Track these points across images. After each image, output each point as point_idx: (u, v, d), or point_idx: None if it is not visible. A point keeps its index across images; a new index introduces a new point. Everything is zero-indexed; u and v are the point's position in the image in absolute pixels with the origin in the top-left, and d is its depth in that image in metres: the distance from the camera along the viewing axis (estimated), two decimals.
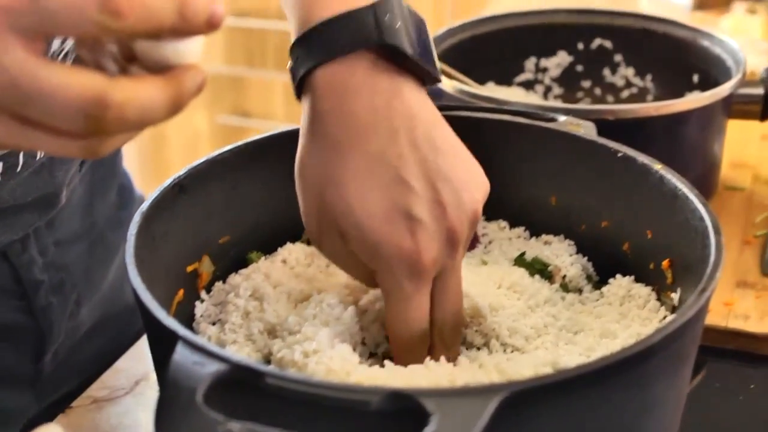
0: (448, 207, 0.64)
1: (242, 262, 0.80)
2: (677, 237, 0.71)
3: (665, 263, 0.73)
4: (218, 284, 0.78)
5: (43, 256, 0.90)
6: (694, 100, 0.95)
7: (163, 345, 0.59)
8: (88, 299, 0.95)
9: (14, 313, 0.89)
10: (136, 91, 0.48)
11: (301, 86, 0.67)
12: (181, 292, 0.75)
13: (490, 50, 1.16)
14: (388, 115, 0.65)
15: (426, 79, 0.68)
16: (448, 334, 0.69)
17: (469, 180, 0.67)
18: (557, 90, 1.20)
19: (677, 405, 0.62)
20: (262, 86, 2.81)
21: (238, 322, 0.73)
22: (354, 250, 0.66)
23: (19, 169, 0.81)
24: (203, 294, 0.77)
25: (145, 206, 0.71)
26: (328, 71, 0.65)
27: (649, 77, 1.17)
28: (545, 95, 1.20)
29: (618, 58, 1.18)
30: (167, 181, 0.74)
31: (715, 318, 0.88)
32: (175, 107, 0.49)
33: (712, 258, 0.62)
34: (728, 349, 0.87)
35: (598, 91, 1.20)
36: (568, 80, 1.20)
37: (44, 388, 0.94)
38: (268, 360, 0.70)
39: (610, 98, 1.19)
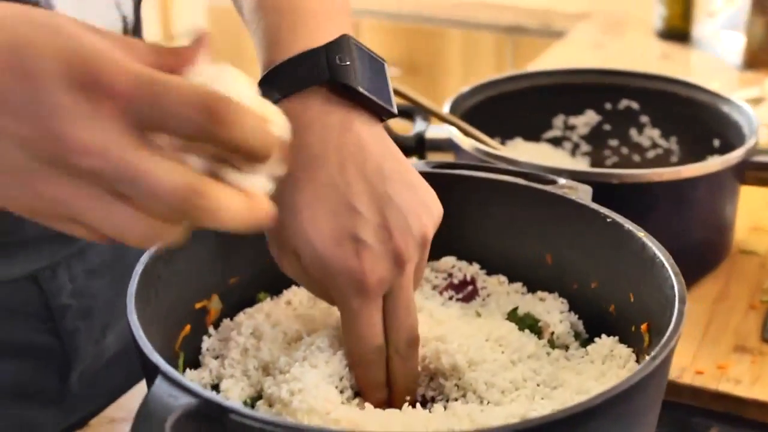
0: (394, 231, 0.70)
1: (251, 301, 0.86)
2: (653, 302, 0.74)
3: (644, 326, 0.76)
4: (225, 321, 0.83)
5: (72, 283, 0.96)
6: (700, 167, 0.98)
7: (149, 377, 0.64)
8: (114, 327, 1.00)
9: (42, 334, 0.95)
10: (226, 200, 0.53)
11: None
12: (188, 327, 0.80)
13: (520, 107, 1.20)
14: (339, 148, 0.71)
15: (381, 113, 0.75)
16: (404, 349, 0.74)
17: (417, 206, 0.72)
18: (585, 147, 1.23)
19: None
20: None
21: (237, 358, 0.78)
22: (308, 269, 0.72)
23: None
24: (211, 329, 0.82)
25: (152, 250, 0.76)
26: (285, 107, 0.70)
27: (674, 139, 1.20)
28: (573, 152, 1.23)
29: (644, 119, 1.21)
30: None
31: (707, 380, 0.90)
32: (246, 225, 0.55)
33: (670, 327, 0.66)
34: (716, 412, 0.89)
35: (624, 150, 1.23)
36: (595, 138, 1.23)
37: (70, 406, 0.99)
38: (260, 396, 0.75)
39: (636, 158, 1.22)
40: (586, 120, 1.23)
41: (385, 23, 2.63)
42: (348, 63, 0.72)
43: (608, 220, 0.80)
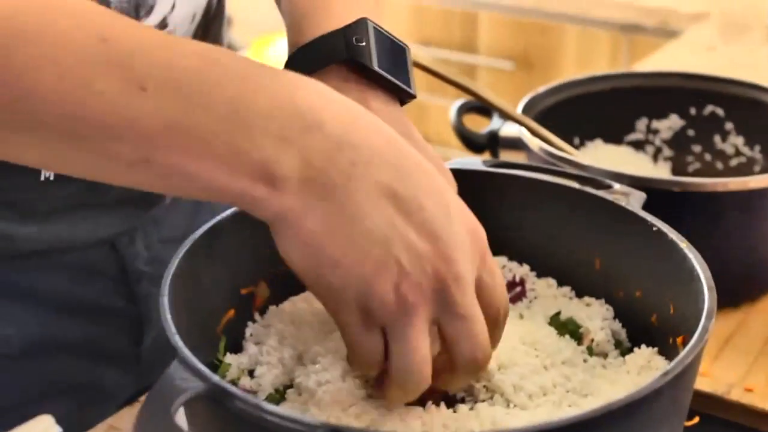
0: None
1: (300, 289, 0.87)
2: (691, 315, 0.73)
3: (679, 339, 0.75)
4: (272, 308, 0.85)
5: (148, 251, 1.00)
6: (765, 178, 0.95)
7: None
8: None
9: (118, 298, 0.99)
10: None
11: None
12: (232, 312, 0.82)
13: (602, 108, 1.19)
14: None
15: (401, 94, 0.77)
16: (465, 375, 0.70)
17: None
18: (667, 152, 1.21)
19: None
20: (441, 113, 2.88)
21: (274, 345, 0.80)
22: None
23: None
24: (256, 315, 0.84)
25: (198, 233, 0.78)
26: None
27: (758, 148, 1.17)
28: (655, 157, 1.21)
29: (729, 126, 1.18)
30: (228, 211, 0.81)
31: (756, 398, 0.89)
32: None
33: (691, 343, 0.64)
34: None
35: (708, 156, 1.20)
36: (678, 144, 1.21)
37: (144, 370, 1.03)
38: (292, 384, 0.77)
39: (719, 165, 1.20)
40: (670, 124, 1.20)
41: (502, 16, 2.62)
42: (364, 44, 0.74)
43: (654, 228, 0.79)
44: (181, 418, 0.79)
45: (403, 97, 0.78)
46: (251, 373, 0.79)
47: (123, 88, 0.59)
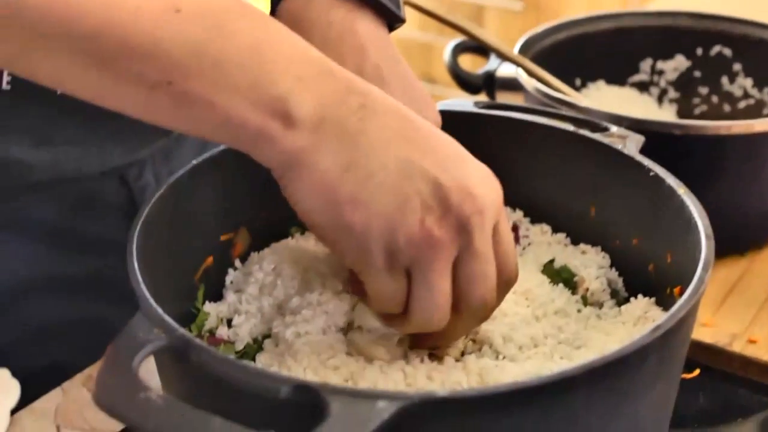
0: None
1: (283, 236, 0.84)
2: (688, 265, 0.69)
3: (677, 290, 0.71)
4: (253, 254, 0.82)
5: (157, 183, 0.98)
6: None
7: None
8: None
9: (124, 233, 0.97)
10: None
11: None
12: (210, 259, 0.79)
13: (604, 49, 1.14)
14: (339, 48, 0.71)
15: (389, 18, 0.75)
16: (474, 318, 0.67)
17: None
18: (673, 94, 1.17)
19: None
20: None
21: (254, 294, 0.77)
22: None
23: None
24: (237, 263, 0.81)
25: (173, 179, 0.75)
26: (289, 5, 0.71)
27: (767, 90, 1.12)
28: (659, 99, 1.17)
29: (737, 67, 1.14)
30: (202, 156, 0.78)
31: (759, 350, 0.85)
32: None
33: (684, 296, 0.61)
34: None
35: (715, 99, 1.16)
36: (684, 85, 1.17)
37: None
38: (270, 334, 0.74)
39: (726, 108, 1.15)
40: (675, 65, 1.16)
41: None
42: None
43: (651, 173, 0.75)
44: (148, 371, 0.77)
45: (392, 21, 0.75)
46: (230, 323, 0.76)
47: (159, 6, 0.59)
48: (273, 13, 0.76)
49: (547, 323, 0.73)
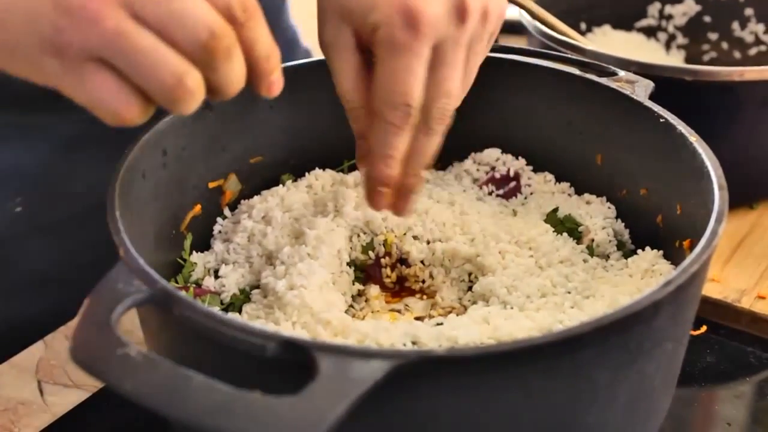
0: None
1: (275, 183, 0.80)
2: (699, 217, 0.65)
3: (686, 243, 0.68)
4: (243, 202, 0.78)
5: None
6: None
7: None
8: None
9: None
10: (254, 39, 0.55)
11: None
12: (197, 207, 0.75)
13: None
14: None
15: None
16: (433, 120, 0.65)
17: None
18: (681, 40, 1.13)
19: (636, 397, 0.58)
20: None
21: (242, 243, 0.74)
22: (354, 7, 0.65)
23: None
24: (227, 211, 0.78)
25: (158, 122, 0.70)
26: None
27: None
28: (667, 45, 1.13)
29: (749, 12, 1.10)
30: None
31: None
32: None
33: (696, 251, 0.57)
34: None
35: (725, 45, 1.12)
36: (693, 31, 1.13)
37: None
38: (259, 285, 0.71)
39: (737, 54, 1.11)
40: (684, 9, 1.12)
41: None
42: None
43: (661, 120, 0.71)
44: (129, 326, 0.73)
45: None
46: (217, 273, 0.72)
47: None
48: None
49: (554, 272, 0.70)
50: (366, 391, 0.47)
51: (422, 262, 0.73)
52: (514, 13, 1.01)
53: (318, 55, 0.72)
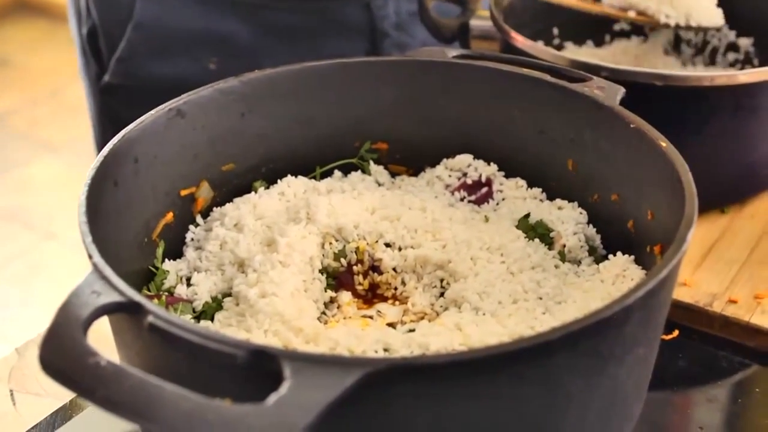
0: None
1: (247, 191, 0.80)
2: (670, 222, 0.66)
3: (657, 248, 0.68)
4: (216, 210, 0.78)
5: (397, 16, 1.13)
6: (761, 72, 0.87)
7: None
8: None
9: (362, 53, 1.15)
10: None
11: None
12: (170, 215, 0.75)
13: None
14: None
15: None
16: None
17: None
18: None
19: (607, 402, 0.58)
20: None
21: (214, 251, 0.73)
22: None
23: None
24: (199, 219, 0.77)
25: (130, 128, 0.71)
26: None
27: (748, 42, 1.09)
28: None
29: None
30: (162, 106, 0.74)
31: (739, 310, 0.82)
32: None
33: (668, 254, 0.57)
34: (748, 347, 0.81)
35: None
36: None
37: None
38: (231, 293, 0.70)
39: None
40: None
41: None
42: None
43: (631, 125, 0.71)
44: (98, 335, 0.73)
45: None
46: (189, 281, 0.72)
47: None
48: None
49: (525, 278, 0.70)
50: (336, 399, 0.47)
51: (394, 269, 0.73)
52: (485, 20, 1.01)
53: None
